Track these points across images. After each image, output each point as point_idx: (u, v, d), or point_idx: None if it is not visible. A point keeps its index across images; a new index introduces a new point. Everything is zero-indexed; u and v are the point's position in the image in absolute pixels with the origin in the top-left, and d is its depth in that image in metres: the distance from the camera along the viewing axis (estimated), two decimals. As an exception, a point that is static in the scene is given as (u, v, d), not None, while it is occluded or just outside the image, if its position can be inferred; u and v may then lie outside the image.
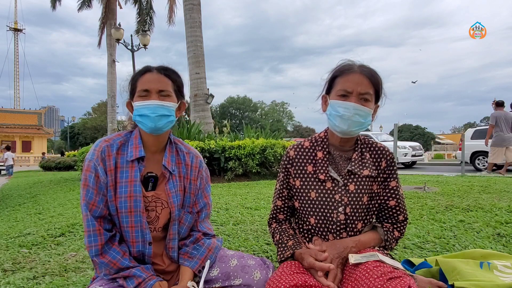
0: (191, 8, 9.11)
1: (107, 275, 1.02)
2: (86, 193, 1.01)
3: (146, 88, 1.05)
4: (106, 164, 1.04)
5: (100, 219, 1.02)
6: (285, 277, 0.95)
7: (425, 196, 4.02)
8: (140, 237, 1.05)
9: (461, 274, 1.32)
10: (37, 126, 38.02)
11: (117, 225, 1.06)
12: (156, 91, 1.06)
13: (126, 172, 1.05)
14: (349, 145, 1.15)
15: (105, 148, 1.05)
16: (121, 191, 1.03)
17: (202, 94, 9.27)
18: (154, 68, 1.10)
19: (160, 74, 1.08)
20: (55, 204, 4.94)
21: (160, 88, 1.06)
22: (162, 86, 1.07)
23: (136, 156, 1.06)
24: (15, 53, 63.03)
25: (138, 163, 1.07)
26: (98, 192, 1.02)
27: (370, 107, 1.07)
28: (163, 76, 1.08)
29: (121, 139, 1.10)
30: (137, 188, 1.04)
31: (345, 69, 1.09)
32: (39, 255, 2.36)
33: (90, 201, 1.01)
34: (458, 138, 31.92)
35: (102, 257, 1.00)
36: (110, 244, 1.02)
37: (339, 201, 1.08)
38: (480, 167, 10.16)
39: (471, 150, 10.24)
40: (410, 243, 2.20)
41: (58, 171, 15.89)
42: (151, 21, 16.05)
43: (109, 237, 1.02)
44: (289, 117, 60.70)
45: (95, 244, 0.99)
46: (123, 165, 1.06)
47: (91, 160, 1.03)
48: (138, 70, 1.12)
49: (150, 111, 1.04)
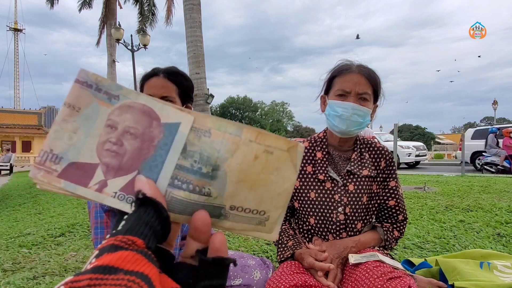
0: (191, 8, 9.10)
1: None
2: (95, 231, 1.03)
3: (150, 94, 1.05)
4: None
5: (108, 213, 1.04)
6: (285, 277, 0.95)
7: (425, 196, 4.02)
8: None
9: (461, 274, 1.32)
10: (37, 126, 38.02)
11: None
12: (159, 97, 1.06)
13: None
14: (348, 145, 1.15)
15: None
16: None
17: (202, 94, 9.26)
18: (161, 71, 1.09)
19: (165, 79, 1.07)
20: (55, 204, 4.94)
21: (163, 94, 1.06)
22: (165, 92, 1.07)
23: None
24: (15, 53, 63.01)
25: None
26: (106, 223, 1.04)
27: (368, 107, 1.07)
28: (167, 81, 1.08)
29: None
30: None
31: (344, 69, 1.09)
32: (39, 255, 2.36)
33: (103, 235, 1.03)
34: (458, 138, 31.92)
35: None
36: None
37: (338, 201, 1.08)
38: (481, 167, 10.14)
39: (472, 150, 10.22)
40: (410, 243, 2.20)
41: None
42: (153, 18, 16.00)
43: None
44: (289, 117, 60.72)
45: (101, 236, 1.01)
46: None
47: None
48: (146, 73, 1.12)
49: None
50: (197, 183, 0.37)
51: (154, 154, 0.37)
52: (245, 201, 0.38)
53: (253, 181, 0.38)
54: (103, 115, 0.37)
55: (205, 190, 0.37)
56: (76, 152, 0.36)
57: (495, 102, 26.27)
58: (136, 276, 0.23)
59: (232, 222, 0.38)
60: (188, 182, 0.37)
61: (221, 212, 0.37)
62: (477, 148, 10.14)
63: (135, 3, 16.27)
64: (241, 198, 0.38)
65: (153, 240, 0.29)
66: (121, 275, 0.22)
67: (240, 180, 0.38)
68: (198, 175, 0.37)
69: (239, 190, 0.38)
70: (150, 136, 0.37)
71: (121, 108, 0.38)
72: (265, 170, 0.38)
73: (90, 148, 0.37)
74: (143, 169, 0.36)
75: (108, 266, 0.22)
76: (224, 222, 0.38)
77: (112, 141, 0.37)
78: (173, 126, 0.38)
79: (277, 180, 0.38)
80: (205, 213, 0.35)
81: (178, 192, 0.36)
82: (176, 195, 0.36)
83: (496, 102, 26.26)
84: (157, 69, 1.10)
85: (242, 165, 0.37)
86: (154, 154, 0.37)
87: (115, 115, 0.37)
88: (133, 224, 0.29)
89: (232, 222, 0.38)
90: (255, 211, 0.38)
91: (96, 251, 0.24)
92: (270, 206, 0.38)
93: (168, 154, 0.37)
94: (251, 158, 0.37)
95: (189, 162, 0.37)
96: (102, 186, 0.36)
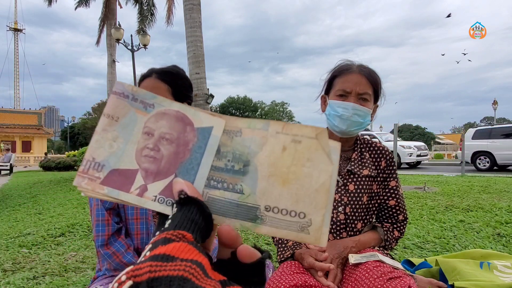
0: (191, 8, 9.10)
1: (109, 270, 1.04)
2: (97, 229, 1.03)
3: None
4: None
5: (110, 211, 1.05)
6: (285, 277, 0.95)
7: (425, 196, 4.02)
8: (145, 229, 1.08)
9: (461, 274, 1.32)
10: (37, 126, 38.00)
11: (122, 218, 1.08)
12: None
13: None
14: (349, 145, 1.15)
15: None
16: None
17: (202, 94, 9.27)
18: (154, 72, 1.08)
19: (156, 80, 1.06)
20: (55, 204, 4.94)
21: None
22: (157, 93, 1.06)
23: None
24: (15, 53, 63.01)
25: None
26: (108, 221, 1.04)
27: (369, 107, 1.07)
28: (159, 82, 1.06)
29: None
30: None
31: (344, 69, 1.09)
32: (39, 255, 2.36)
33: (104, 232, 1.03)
34: (458, 138, 31.91)
35: (106, 248, 1.02)
36: (116, 236, 1.04)
37: (338, 201, 1.08)
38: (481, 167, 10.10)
39: (472, 150, 10.16)
40: (410, 243, 2.20)
41: (58, 171, 15.89)
42: (152, 18, 15.98)
43: (116, 229, 1.04)
44: (289, 117, 60.71)
45: (102, 234, 1.02)
46: None
47: None
48: (142, 74, 1.12)
49: None
50: (230, 181, 0.37)
51: (190, 158, 0.38)
52: (280, 200, 0.36)
53: (285, 174, 0.36)
54: (140, 123, 0.39)
55: (237, 187, 0.37)
56: (116, 159, 0.38)
57: (495, 102, 26.28)
58: (192, 262, 0.24)
59: (270, 227, 0.36)
60: (223, 181, 0.37)
61: (257, 214, 0.36)
62: (478, 148, 10.09)
63: (135, 3, 16.24)
64: (275, 195, 0.36)
65: (199, 236, 0.31)
66: (178, 262, 0.24)
67: (272, 174, 0.36)
68: (231, 173, 0.37)
69: (272, 187, 0.36)
70: (185, 141, 0.39)
71: (156, 115, 0.40)
72: (296, 161, 0.36)
73: (130, 154, 0.39)
74: (180, 172, 0.38)
75: (166, 254, 0.24)
76: (261, 228, 0.36)
77: (150, 147, 0.38)
78: (206, 130, 0.39)
79: (311, 173, 0.36)
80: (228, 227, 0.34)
81: (214, 191, 0.37)
82: (212, 195, 0.37)
83: (496, 102, 26.27)
84: (151, 71, 1.09)
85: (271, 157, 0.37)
86: (190, 158, 0.38)
87: (151, 122, 0.39)
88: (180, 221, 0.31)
89: (270, 227, 0.36)
90: (293, 212, 0.36)
91: (150, 245, 0.26)
92: (309, 207, 0.36)
93: (203, 156, 0.38)
94: (279, 149, 0.37)
95: (223, 162, 0.38)
96: (143, 190, 0.37)
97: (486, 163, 9.99)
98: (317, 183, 0.36)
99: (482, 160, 10.12)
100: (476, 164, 10.19)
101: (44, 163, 18.55)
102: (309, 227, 0.35)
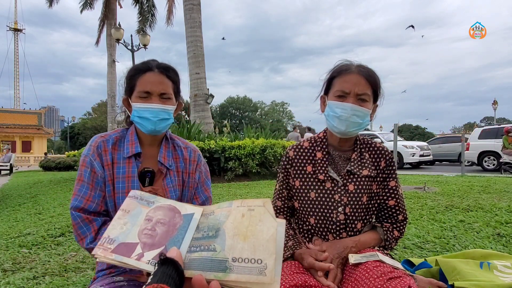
0: (191, 8, 9.11)
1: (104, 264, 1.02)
2: (80, 188, 0.99)
3: (148, 90, 1.02)
4: (103, 159, 1.03)
5: (91, 213, 0.98)
6: (285, 277, 0.95)
7: (425, 196, 4.02)
8: None
9: (461, 274, 1.32)
10: (37, 126, 37.98)
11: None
12: (157, 94, 1.03)
13: (123, 168, 1.04)
14: (348, 145, 1.15)
15: (101, 144, 1.04)
16: (118, 186, 1.03)
17: (202, 94, 9.27)
18: (155, 66, 1.06)
19: (161, 75, 1.05)
20: (55, 204, 4.94)
21: (161, 91, 1.03)
22: (163, 89, 1.04)
23: (133, 152, 1.05)
24: (15, 53, 63.04)
25: (135, 159, 1.07)
26: (94, 187, 1.00)
27: (368, 107, 1.07)
28: (164, 77, 1.05)
29: (117, 134, 1.09)
30: (134, 184, 1.04)
31: (343, 69, 1.09)
32: (39, 255, 2.36)
33: (85, 196, 0.98)
34: (458, 138, 31.70)
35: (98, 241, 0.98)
36: (104, 229, 0.98)
37: (338, 201, 1.08)
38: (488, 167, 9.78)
39: (479, 150, 9.86)
40: (410, 243, 2.20)
41: (58, 171, 15.90)
42: (152, 19, 15.97)
43: (101, 223, 0.99)
44: (289, 117, 60.70)
45: (89, 232, 0.96)
46: (119, 160, 1.05)
47: (87, 156, 1.02)
48: (137, 67, 1.08)
49: (152, 114, 1.02)
50: (206, 244, 0.53)
51: (177, 234, 0.58)
52: (242, 251, 0.50)
53: (244, 233, 0.51)
54: (144, 213, 0.63)
55: (211, 247, 0.52)
56: (124, 236, 0.59)
57: (495, 102, 26.28)
58: None
59: (237, 274, 0.48)
60: (200, 245, 0.54)
61: (226, 266, 0.49)
62: (485, 148, 9.79)
63: (135, 3, 16.23)
64: (239, 248, 0.50)
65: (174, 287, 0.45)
66: None
67: (235, 233, 0.52)
68: (207, 238, 0.54)
69: (236, 243, 0.51)
70: (174, 223, 0.60)
71: (155, 208, 0.64)
72: (251, 223, 0.52)
73: (134, 233, 0.60)
74: (169, 244, 0.56)
75: None
76: (230, 276, 0.48)
77: (148, 228, 0.60)
78: (189, 215, 0.60)
79: (262, 229, 0.51)
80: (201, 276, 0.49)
81: (194, 254, 0.53)
82: (193, 257, 0.53)
83: (496, 102, 26.28)
84: (150, 64, 1.06)
85: (234, 223, 0.53)
86: (177, 234, 0.58)
87: (151, 212, 0.63)
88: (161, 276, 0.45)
89: (237, 274, 0.48)
90: (253, 260, 0.49)
91: None
92: (263, 253, 0.49)
93: (186, 233, 0.57)
94: (240, 217, 0.54)
95: (201, 234, 0.56)
96: (140, 256, 0.56)
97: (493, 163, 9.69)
98: (267, 235, 0.50)
99: (488, 160, 9.83)
100: (483, 164, 9.93)
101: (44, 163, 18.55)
102: (265, 270, 0.48)
